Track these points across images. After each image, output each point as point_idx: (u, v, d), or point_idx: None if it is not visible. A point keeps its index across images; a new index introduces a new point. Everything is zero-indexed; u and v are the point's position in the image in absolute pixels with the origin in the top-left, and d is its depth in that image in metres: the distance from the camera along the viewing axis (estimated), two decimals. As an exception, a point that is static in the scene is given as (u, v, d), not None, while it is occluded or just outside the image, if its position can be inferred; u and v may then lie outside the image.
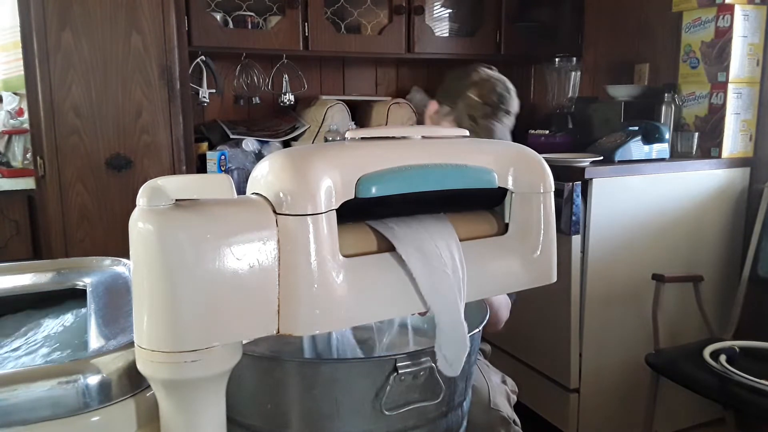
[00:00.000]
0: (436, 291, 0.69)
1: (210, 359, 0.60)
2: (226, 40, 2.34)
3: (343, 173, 0.64)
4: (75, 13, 1.92)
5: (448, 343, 0.72)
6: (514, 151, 0.79)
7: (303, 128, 2.58)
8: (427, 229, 0.72)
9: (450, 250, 0.71)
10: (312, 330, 0.63)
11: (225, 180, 0.67)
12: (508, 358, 2.38)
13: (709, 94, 2.25)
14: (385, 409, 0.76)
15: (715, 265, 2.27)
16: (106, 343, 0.77)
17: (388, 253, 0.69)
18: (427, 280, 0.68)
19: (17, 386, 0.66)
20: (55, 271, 1.06)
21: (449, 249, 0.71)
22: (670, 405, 2.13)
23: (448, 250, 0.71)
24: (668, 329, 2.08)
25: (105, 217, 2.03)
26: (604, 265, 2.08)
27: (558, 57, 2.75)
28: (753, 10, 2.17)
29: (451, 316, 0.71)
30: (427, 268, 0.68)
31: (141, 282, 0.59)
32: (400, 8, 2.54)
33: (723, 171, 2.23)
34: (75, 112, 1.96)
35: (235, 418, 0.79)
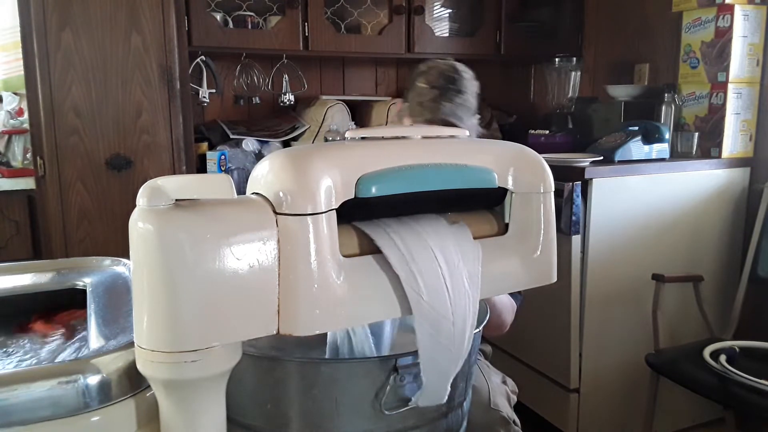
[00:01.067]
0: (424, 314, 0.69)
1: (210, 359, 0.60)
2: (226, 40, 2.34)
3: (343, 173, 0.64)
4: (75, 13, 1.92)
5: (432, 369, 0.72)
6: (514, 151, 0.79)
7: (303, 128, 2.58)
8: (428, 235, 0.72)
9: (448, 255, 0.71)
10: (312, 330, 0.63)
11: (225, 180, 0.67)
12: (509, 359, 2.38)
13: (709, 94, 2.25)
14: (385, 409, 0.76)
15: (715, 265, 2.27)
16: (106, 343, 0.77)
17: (388, 253, 0.69)
18: (413, 290, 0.68)
19: (17, 386, 0.66)
20: (55, 271, 1.06)
21: (446, 255, 0.71)
22: (670, 405, 2.13)
23: (443, 256, 0.71)
24: (668, 329, 2.08)
25: (105, 217, 2.03)
26: (604, 265, 2.08)
27: (558, 57, 2.75)
28: (753, 10, 2.17)
29: (440, 356, 0.71)
30: (412, 278, 0.68)
31: (141, 282, 0.59)
32: (400, 8, 2.54)
33: (723, 171, 2.23)
34: (75, 112, 1.96)
35: (235, 418, 0.79)
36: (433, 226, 0.73)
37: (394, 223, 0.71)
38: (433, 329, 0.70)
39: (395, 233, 0.69)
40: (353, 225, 0.70)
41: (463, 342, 0.72)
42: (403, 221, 0.72)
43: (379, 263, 0.68)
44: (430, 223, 0.74)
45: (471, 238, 0.75)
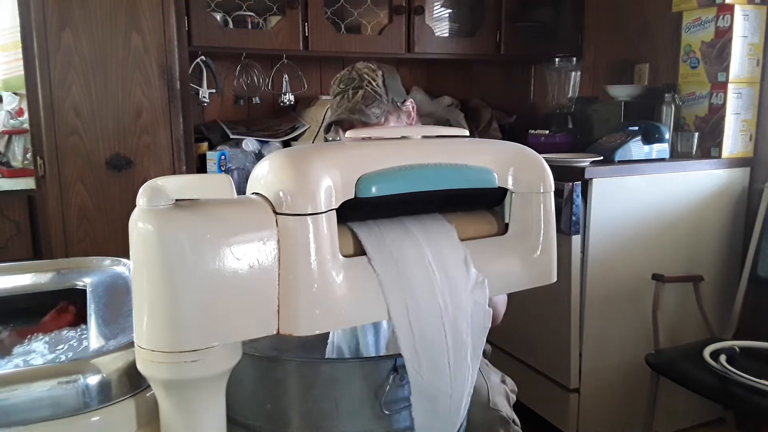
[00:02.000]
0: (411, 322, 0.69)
1: (210, 359, 0.60)
2: (226, 40, 2.34)
3: (343, 173, 0.64)
4: (75, 13, 1.92)
5: None
6: (514, 151, 0.79)
7: (303, 128, 2.58)
8: (420, 238, 0.72)
9: (442, 258, 0.71)
10: (312, 330, 0.63)
11: (225, 180, 0.68)
12: (508, 358, 2.38)
13: (709, 94, 2.25)
14: (385, 408, 0.76)
15: (715, 265, 2.27)
16: (106, 343, 0.76)
17: (388, 253, 0.69)
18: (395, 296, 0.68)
19: (17, 386, 0.66)
20: (55, 271, 1.06)
21: (439, 258, 0.71)
22: (670, 405, 2.13)
23: (436, 260, 0.71)
24: (668, 329, 2.08)
25: (105, 217, 2.03)
26: (604, 265, 2.08)
27: (558, 57, 2.75)
28: (753, 10, 2.17)
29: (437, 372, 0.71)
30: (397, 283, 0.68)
31: (141, 282, 0.59)
32: (400, 8, 2.54)
33: (723, 171, 2.23)
34: (75, 112, 1.96)
35: (235, 418, 0.79)
36: (445, 274, 0.73)
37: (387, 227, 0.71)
38: (430, 404, 0.71)
39: (400, 294, 0.69)
40: (353, 225, 0.70)
41: (459, 411, 0.73)
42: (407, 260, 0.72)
43: (379, 263, 0.68)
44: (443, 267, 0.74)
45: (486, 293, 0.75)
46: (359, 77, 1.43)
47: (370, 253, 0.68)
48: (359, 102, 1.40)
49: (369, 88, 1.42)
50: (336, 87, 1.46)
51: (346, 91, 1.43)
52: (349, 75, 1.45)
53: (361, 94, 1.41)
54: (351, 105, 1.40)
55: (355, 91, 1.41)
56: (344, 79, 1.45)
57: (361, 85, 1.42)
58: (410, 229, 0.72)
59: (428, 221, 0.74)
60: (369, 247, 0.68)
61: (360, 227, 0.69)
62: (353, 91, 1.42)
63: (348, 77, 1.45)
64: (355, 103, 1.40)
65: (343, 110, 1.41)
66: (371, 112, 1.40)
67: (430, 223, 0.74)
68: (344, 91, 1.43)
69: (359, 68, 1.46)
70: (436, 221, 0.75)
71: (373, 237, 0.69)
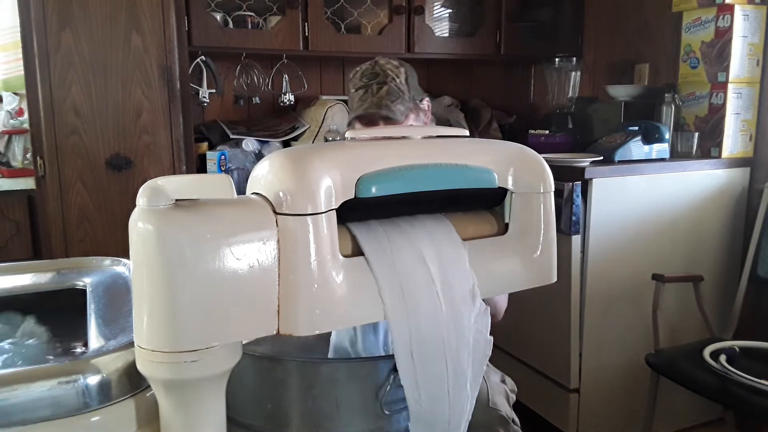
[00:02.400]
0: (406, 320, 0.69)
1: (210, 359, 0.60)
2: (226, 40, 2.34)
3: (343, 173, 0.64)
4: (75, 13, 1.92)
5: None
6: (514, 151, 0.79)
7: (303, 128, 2.58)
8: (418, 238, 0.71)
9: (439, 259, 0.71)
10: (312, 330, 0.63)
11: (225, 180, 0.68)
12: (508, 358, 2.38)
13: (709, 94, 2.25)
14: (385, 408, 0.76)
15: (715, 265, 2.27)
16: (106, 343, 0.76)
17: (388, 253, 0.69)
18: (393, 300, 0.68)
19: (17, 386, 0.66)
20: (55, 271, 1.06)
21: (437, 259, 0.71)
22: (670, 405, 2.13)
23: (434, 261, 0.71)
24: (668, 329, 2.08)
25: (105, 217, 2.03)
26: (604, 265, 2.08)
27: (558, 57, 2.75)
28: (753, 10, 2.17)
29: None
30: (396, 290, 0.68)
31: (141, 282, 0.59)
32: (400, 8, 2.54)
33: (723, 171, 2.23)
34: (75, 112, 1.96)
35: (235, 418, 0.79)
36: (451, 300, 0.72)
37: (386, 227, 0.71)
38: (428, 430, 0.71)
39: (404, 327, 0.69)
40: (352, 225, 0.70)
41: None
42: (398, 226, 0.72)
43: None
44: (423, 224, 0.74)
45: (488, 321, 0.76)
46: (383, 73, 1.42)
47: (379, 280, 0.67)
48: (384, 97, 1.38)
49: (393, 85, 1.41)
50: (357, 81, 1.44)
51: (370, 85, 1.41)
52: (372, 70, 1.43)
53: (385, 90, 1.39)
54: (376, 100, 1.38)
55: (379, 87, 1.40)
56: (367, 73, 1.43)
57: (386, 81, 1.40)
58: (414, 242, 0.71)
59: (432, 227, 0.73)
60: (377, 274, 0.67)
61: (361, 234, 0.69)
62: (378, 86, 1.40)
63: (371, 72, 1.43)
64: (380, 98, 1.38)
65: (370, 105, 1.38)
66: (396, 109, 1.39)
67: (435, 230, 0.73)
68: (368, 85, 1.41)
69: (382, 64, 1.44)
70: (439, 227, 0.74)
71: (380, 256, 0.68)
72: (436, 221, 0.74)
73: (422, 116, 1.46)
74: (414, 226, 0.72)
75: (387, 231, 0.70)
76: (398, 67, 1.45)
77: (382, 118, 1.39)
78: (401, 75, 1.44)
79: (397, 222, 0.72)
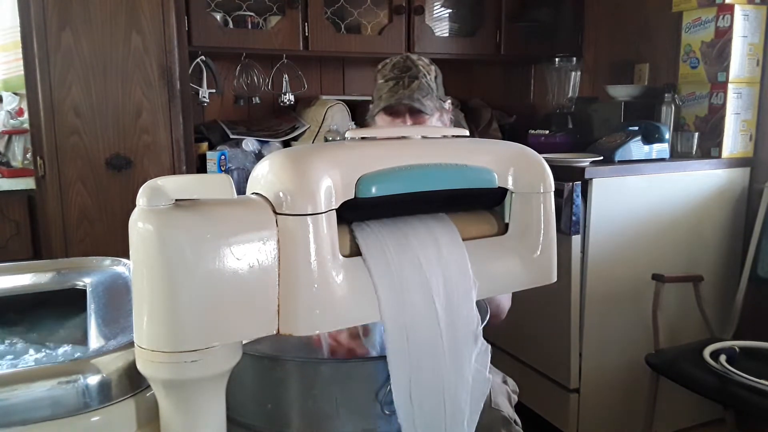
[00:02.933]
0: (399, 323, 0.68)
1: (210, 359, 0.60)
2: (226, 40, 2.34)
3: (343, 173, 0.64)
4: (75, 13, 1.92)
5: None
6: (514, 151, 0.79)
7: (303, 128, 2.58)
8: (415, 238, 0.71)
9: (439, 259, 0.71)
10: (312, 330, 0.63)
11: (225, 180, 0.68)
12: (509, 359, 2.38)
13: (709, 94, 2.25)
14: (386, 409, 0.76)
15: (715, 265, 2.27)
16: (106, 343, 0.76)
17: (388, 253, 0.69)
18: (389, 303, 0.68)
19: (17, 386, 0.66)
20: (55, 271, 1.06)
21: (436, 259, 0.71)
22: (670, 405, 2.13)
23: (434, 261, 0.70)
24: (668, 329, 2.08)
25: (105, 217, 2.03)
26: (604, 265, 2.08)
27: (558, 57, 2.75)
28: (753, 10, 2.17)
29: None
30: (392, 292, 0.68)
31: (141, 282, 0.59)
32: (400, 8, 2.54)
33: (723, 171, 2.23)
34: (75, 112, 1.96)
35: (235, 418, 0.79)
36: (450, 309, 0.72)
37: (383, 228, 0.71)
38: None
39: (404, 371, 0.69)
40: (353, 225, 0.70)
41: None
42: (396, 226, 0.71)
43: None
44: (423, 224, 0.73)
45: (488, 359, 0.77)
46: (416, 67, 1.41)
47: (384, 316, 0.68)
48: (415, 91, 1.38)
49: (424, 81, 1.40)
50: (388, 72, 1.43)
51: (402, 78, 1.40)
52: (404, 63, 1.42)
53: (417, 84, 1.39)
54: (408, 93, 1.38)
55: (411, 80, 1.39)
56: (399, 65, 1.42)
57: (417, 75, 1.40)
58: (419, 264, 0.70)
59: (437, 233, 0.73)
60: (383, 312, 0.68)
61: (372, 266, 0.68)
62: (409, 79, 1.39)
63: (403, 65, 1.42)
64: (412, 92, 1.38)
65: (402, 96, 1.37)
66: (427, 104, 1.38)
67: (440, 237, 0.73)
68: (399, 77, 1.40)
69: (414, 59, 1.44)
70: (444, 235, 0.73)
71: (387, 295, 0.68)
72: (441, 227, 0.74)
73: (445, 117, 1.46)
74: (418, 237, 0.71)
75: (391, 248, 0.69)
76: (429, 64, 1.45)
77: (412, 111, 1.38)
78: (432, 72, 1.44)
79: (401, 230, 0.71)
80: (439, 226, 0.73)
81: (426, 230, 0.72)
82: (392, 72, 1.42)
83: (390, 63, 1.45)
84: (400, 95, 1.38)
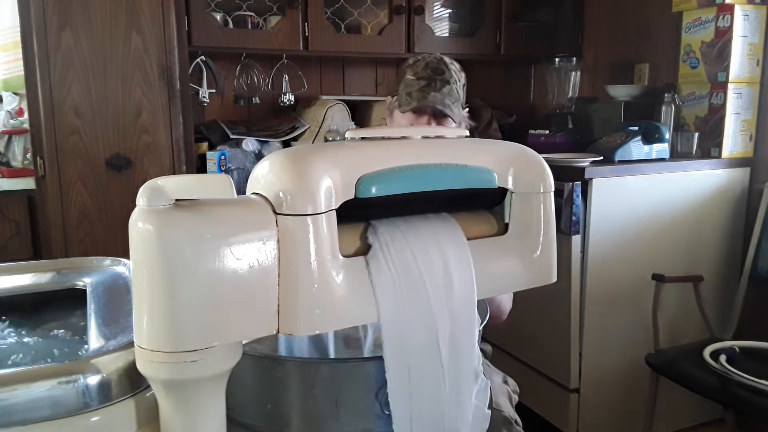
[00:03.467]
0: None
1: (210, 359, 0.60)
2: (226, 40, 2.34)
3: (343, 173, 0.64)
4: (75, 13, 1.92)
5: None
6: (514, 151, 0.79)
7: (303, 128, 2.58)
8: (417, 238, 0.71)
9: (444, 260, 0.71)
10: (312, 330, 0.63)
11: (225, 180, 0.68)
12: (509, 359, 2.38)
13: (709, 94, 2.25)
14: (385, 409, 0.76)
15: (715, 265, 2.27)
16: (106, 343, 0.76)
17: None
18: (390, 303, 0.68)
19: (17, 386, 0.66)
20: (55, 271, 1.06)
21: (440, 260, 0.71)
22: (670, 405, 2.13)
23: (438, 262, 0.70)
24: (668, 329, 2.08)
25: (105, 217, 2.03)
26: (604, 265, 2.08)
27: (558, 57, 2.75)
28: (753, 10, 2.17)
29: None
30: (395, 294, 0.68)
31: (141, 282, 0.59)
32: (400, 8, 2.54)
33: (723, 171, 2.23)
34: (75, 112, 1.96)
35: (235, 418, 0.79)
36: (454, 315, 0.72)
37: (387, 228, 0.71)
38: None
39: (405, 403, 0.70)
40: (353, 225, 0.70)
41: None
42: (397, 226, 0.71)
43: (379, 263, 0.68)
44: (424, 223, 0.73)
45: (488, 396, 0.77)
46: (449, 72, 1.39)
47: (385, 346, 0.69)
48: (446, 96, 1.37)
49: (455, 87, 1.39)
50: (420, 70, 1.40)
51: (434, 80, 1.38)
52: (437, 65, 1.40)
53: (448, 89, 1.38)
54: (440, 96, 1.36)
55: (443, 84, 1.38)
56: (432, 65, 1.40)
57: (449, 80, 1.38)
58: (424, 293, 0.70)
59: (443, 240, 0.73)
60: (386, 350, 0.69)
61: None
62: (441, 83, 1.38)
63: (436, 66, 1.40)
64: (443, 96, 1.36)
65: (434, 99, 1.36)
66: (455, 111, 1.37)
67: (446, 249, 0.73)
68: (432, 79, 1.38)
69: (447, 63, 1.42)
70: (449, 246, 0.73)
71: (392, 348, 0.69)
72: (446, 234, 0.74)
73: (463, 125, 1.45)
74: (425, 255, 0.71)
75: (393, 262, 0.69)
76: (460, 71, 1.43)
77: (437, 114, 1.37)
78: (461, 80, 1.42)
79: (405, 240, 0.71)
80: (447, 241, 0.73)
81: (434, 245, 0.72)
82: (425, 71, 1.40)
83: (423, 61, 1.42)
84: (432, 98, 1.36)
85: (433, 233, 0.72)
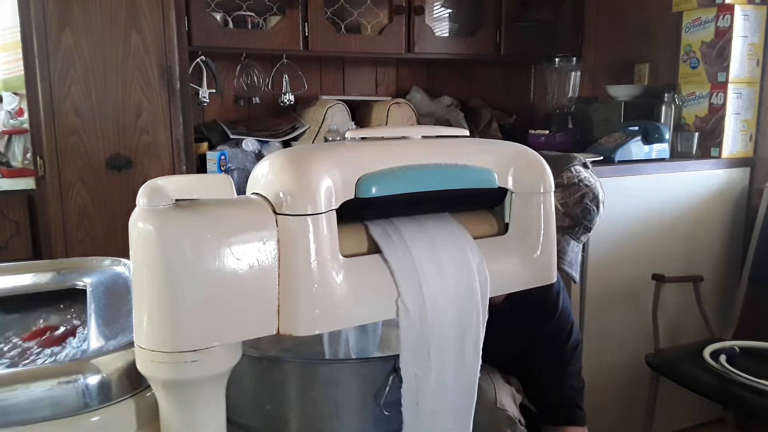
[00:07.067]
0: None
1: (210, 359, 0.60)
2: (226, 40, 2.34)
3: (343, 173, 0.64)
4: (75, 13, 1.92)
5: None
6: (514, 151, 0.79)
7: (303, 128, 2.58)
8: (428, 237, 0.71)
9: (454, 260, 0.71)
10: (312, 330, 0.63)
11: (225, 180, 0.68)
12: (508, 358, 2.37)
13: (709, 94, 2.25)
14: (385, 409, 0.76)
15: (715, 265, 2.27)
16: (106, 343, 0.76)
17: (388, 253, 0.69)
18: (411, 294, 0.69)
19: (17, 386, 0.66)
20: (55, 271, 1.06)
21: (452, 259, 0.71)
22: (670, 405, 2.13)
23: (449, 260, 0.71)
24: (668, 329, 2.08)
25: (105, 217, 2.03)
26: (604, 265, 2.08)
27: (558, 57, 2.75)
28: (753, 10, 2.17)
29: None
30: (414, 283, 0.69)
31: (141, 282, 0.59)
32: (400, 8, 2.54)
33: (723, 171, 2.23)
34: (75, 112, 1.96)
35: (234, 419, 0.79)
36: None
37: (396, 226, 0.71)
38: None
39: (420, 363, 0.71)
40: (353, 225, 0.70)
41: None
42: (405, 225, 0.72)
43: (379, 263, 0.68)
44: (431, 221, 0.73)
45: None
46: (595, 217, 1.34)
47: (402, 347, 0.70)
48: (578, 246, 1.35)
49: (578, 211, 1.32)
50: (573, 204, 1.32)
51: (580, 225, 1.31)
52: (594, 201, 1.32)
53: (585, 238, 1.37)
54: (573, 249, 1.34)
55: (584, 233, 1.34)
56: (586, 207, 1.32)
57: (591, 228, 1.35)
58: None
59: (448, 244, 0.74)
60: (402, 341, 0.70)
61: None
62: (584, 232, 1.33)
63: (589, 207, 1.31)
64: (578, 244, 1.34)
65: (564, 244, 1.32)
66: None
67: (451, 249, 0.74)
68: (579, 223, 1.31)
69: (601, 203, 1.36)
70: (454, 250, 0.74)
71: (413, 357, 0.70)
72: (448, 234, 0.74)
73: None
74: (432, 249, 0.72)
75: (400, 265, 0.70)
76: (601, 211, 1.37)
77: None
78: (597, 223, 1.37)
79: (411, 243, 0.71)
80: (450, 241, 0.74)
81: (436, 245, 0.73)
82: (576, 209, 1.32)
83: (580, 192, 1.33)
84: (567, 251, 1.34)
85: (436, 233, 0.72)
